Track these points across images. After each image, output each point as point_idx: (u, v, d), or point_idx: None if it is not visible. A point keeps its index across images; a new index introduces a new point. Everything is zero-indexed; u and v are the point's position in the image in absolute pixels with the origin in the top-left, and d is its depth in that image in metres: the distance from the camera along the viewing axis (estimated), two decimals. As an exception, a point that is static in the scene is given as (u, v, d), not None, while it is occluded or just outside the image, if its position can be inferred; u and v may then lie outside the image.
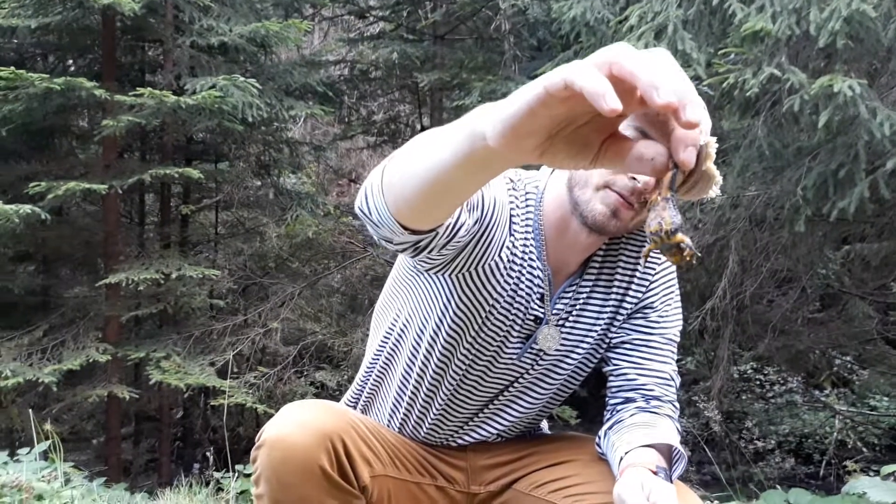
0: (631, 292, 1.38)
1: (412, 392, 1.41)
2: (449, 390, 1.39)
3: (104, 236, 6.62)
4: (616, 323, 1.39)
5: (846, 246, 7.16)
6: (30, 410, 4.36)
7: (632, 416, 1.35)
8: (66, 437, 6.32)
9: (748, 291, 4.69)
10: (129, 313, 6.27)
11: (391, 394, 1.45)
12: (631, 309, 1.39)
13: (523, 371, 1.39)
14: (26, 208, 5.31)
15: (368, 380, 1.50)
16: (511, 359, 1.37)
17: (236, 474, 3.27)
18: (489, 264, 1.29)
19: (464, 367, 1.37)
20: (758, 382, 9.34)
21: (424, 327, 1.35)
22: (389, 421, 1.47)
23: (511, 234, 1.31)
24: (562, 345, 1.38)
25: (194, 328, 6.48)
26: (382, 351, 1.45)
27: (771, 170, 4.51)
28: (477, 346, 1.35)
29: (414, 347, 1.38)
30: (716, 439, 7.92)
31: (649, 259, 1.39)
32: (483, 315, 1.33)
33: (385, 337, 1.44)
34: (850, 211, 3.57)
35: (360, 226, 7.81)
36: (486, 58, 7.51)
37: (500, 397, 1.42)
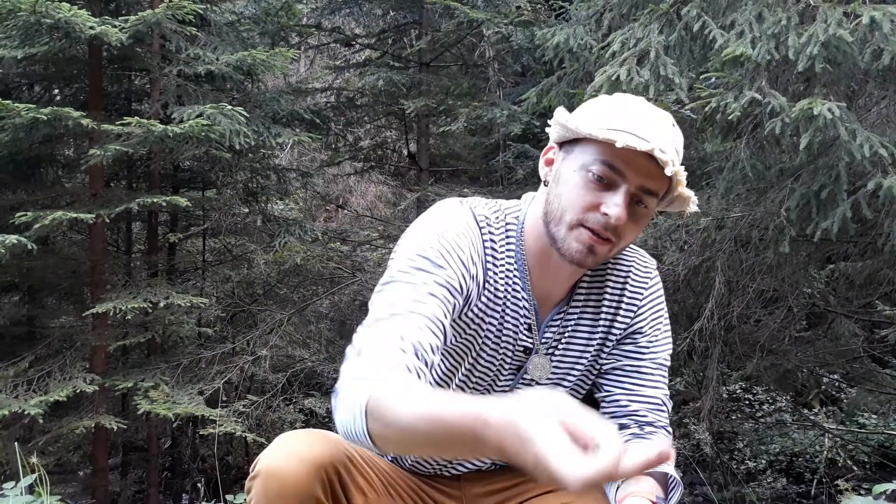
0: (619, 317, 1.39)
1: None
2: None
3: (91, 265, 6.58)
4: (606, 348, 1.40)
5: (830, 265, 7.24)
6: (15, 443, 4.30)
7: (626, 442, 1.36)
8: (52, 470, 6.23)
9: (735, 312, 4.73)
10: (116, 343, 6.22)
11: None
12: (620, 334, 1.40)
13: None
14: (12, 238, 5.28)
15: None
16: (504, 391, 1.38)
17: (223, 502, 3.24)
18: (471, 311, 1.31)
19: (467, 385, 1.38)
20: (747, 402, 9.36)
21: None
22: None
23: (489, 270, 1.31)
24: (553, 373, 1.39)
25: (182, 357, 6.43)
26: None
27: (754, 191, 4.57)
28: (471, 381, 1.37)
29: None
30: (707, 460, 7.90)
31: (635, 284, 1.40)
32: (474, 352, 1.34)
33: None
34: (833, 231, 3.62)
35: (349, 251, 7.82)
36: (472, 84, 7.59)
37: None
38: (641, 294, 1.41)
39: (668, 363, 1.44)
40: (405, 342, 1.11)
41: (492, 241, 1.32)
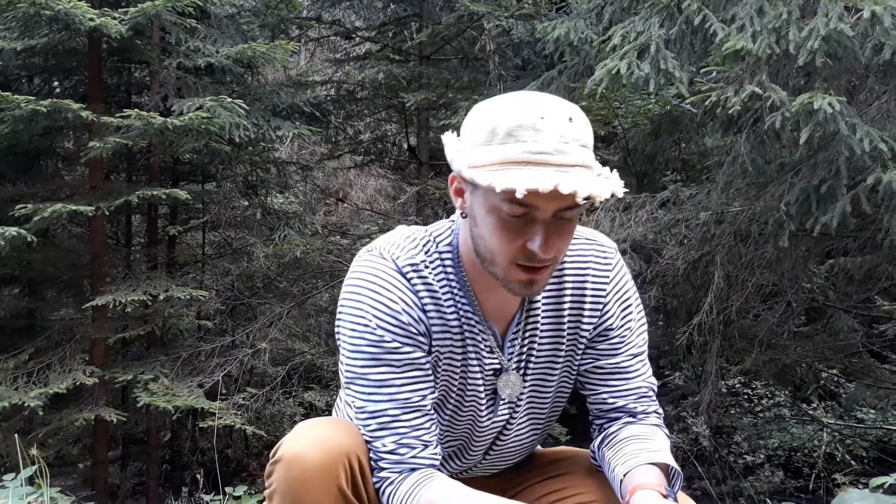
0: (585, 318, 1.36)
1: None
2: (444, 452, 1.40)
3: (90, 258, 6.58)
4: (579, 347, 1.38)
5: (830, 260, 7.24)
6: (15, 435, 4.32)
7: (621, 429, 1.37)
8: (52, 462, 6.25)
9: (734, 306, 4.73)
10: (116, 335, 6.23)
11: None
12: (590, 333, 1.37)
13: (504, 420, 1.40)
14: (12, 230, 5.28)
15: None
16: (490, 414, 1.38)
17: (226, 497, 3.25)
18: (435, 357, 1.31)
19: (448, 431, 1.38)
20: (746, 397, 9.38)
21: None
22: None
23: (432, 312, 1.28)
24: (533, 383, 1.38)
25: (182, 350, 6.44)
26: None
27: (754, 186, 4.58)
28: (458, 416, 1.37)
29: None
30: (705, 454, 7.93)
31: (597, 281, 1.35)
32: (453, 390, 1.34)
33: None
34: (832, 226, 3.62)
35: (349, 245, 7.81)
36: (472, 77, 7.57)
37: (494, 448, 1.44)
38: (604, 291, 1.36)
39: (646, 343, 1.42)
40: (416, 441, 1.25)
41: (426, 283, 1.28)
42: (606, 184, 1.13)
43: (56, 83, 7.61)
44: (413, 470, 1.26)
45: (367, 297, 1.25)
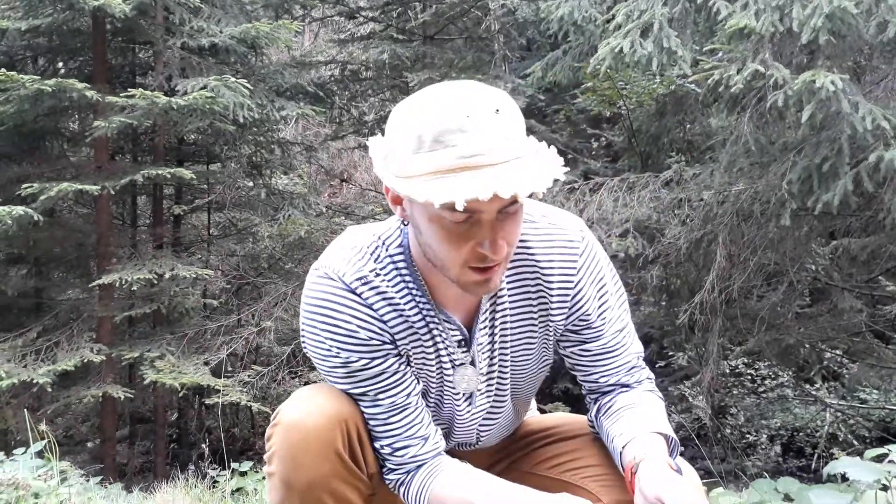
0: (554, 306, 1.33)
1: None
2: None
3: (96, 238, 6.63)
4: (551, 327, 1.36)
5: (833, 241, 7.23)
6: (25, 411, 4.37)
7: (615, 398, 1.39)
8: (61, 441, 6.32)
9: (736, 285, 4.74)
10: (122, 314, 6.29)
11: None
12: (564, 318, 1.34)
13: (484, 410, 1.41)
14: (18, 210, 5.33)
15: None
16: (468, 406, 1.39)
17: (232, 473, 3.30)
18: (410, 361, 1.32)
19: (436, 420, 1.39)
20: (749, 377, 9.40)
21: None
22: None
23: (393, 320, 1.27)
24: (513, 368, 1.38)
25: (188, 328, 6.49)
26: None
27: (757, 165, 4.57)
28: (441, 408, 1.39)
29: None
30: (708, 433, 7.97)
31: (564, 269, 1.31)
32: (431, 385, 1.36)
33: None
34: (834, 204, 3.63)
35: (353, 225, 7.84)
36: (476, 57, 7.55)
37: (483, 430, 1.46)
38: (571, 282, 1.31)
39: (628, 313, 1.41)
40: (412, 440, 1.30)
41: (379, 293, 1.25)
42: (546, 172, 1.09)
43: (61, 64, 7.62)
44: (419, 466, 1.29)
45: (322, 322, 1.25)
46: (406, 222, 1.23)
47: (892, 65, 4.09)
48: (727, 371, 8.95)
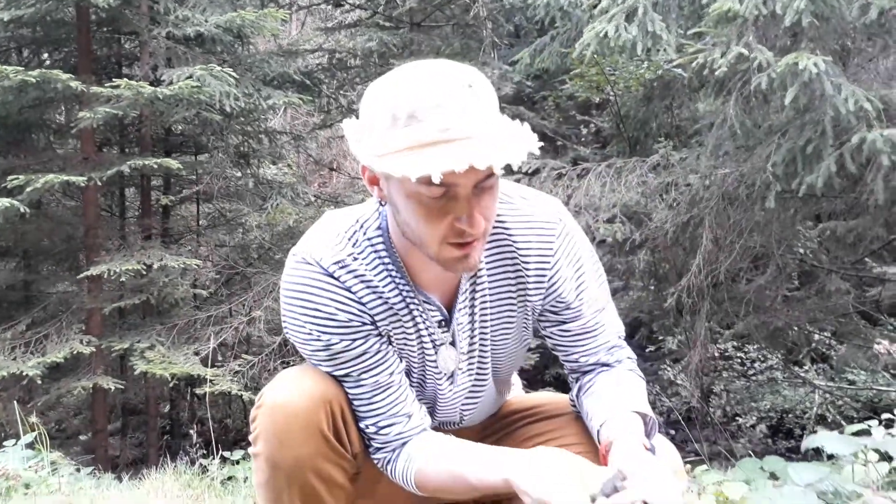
0: (531, 288, 1.35)
1: None
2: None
3: (85, 229, 6.61)
4: (529, 307, 1.38)
5: (821, 224, 7.27)
6: (15, 404, 4.37)
7: (596, 378, 1.41)
8: (53, 434, 6.32)
9: (722, 268, 4.77)
10: (111, 305, 6.28)
11: None
12: (542, 300, 1.36)
13: (466, 389, 1.43)
14: (5, 201, 5.31)
15: None
16: (450, 385, 1.41)
17: (224, 461, 3.31)
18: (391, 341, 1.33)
19: (420, 399, 1.40)
20: (738, 360, 9.47)
21: None
22: None
23: (373, 302, 1.28)
24: (493, 347, 1.40)
25: (178, 318, 6.49)
26: None
27: (743, 148, 4.60)
28: (424, 388, 1.40)
29: None
30: (696, 416, 8.03)
31: (541, 255, 1.32)
32: (414, 366, 1.37)
33: None
34: (818, 186, 3.65)
35: (342, 214, 7.83)
36: (464, 44, 7.54)
37: (466, 409, 1.47)
38: (548, 265, 1.33)
39: (608, 292, 1.43)
40: (396, 418, 1.32)
41: (357, 276, 1.27)
42: (520, 146, 1.10)
43: (46, 55, 7.57)
44: (405, 444, 1.32)
45: (301, 307, 1.26)
46: (384, 202, 1.24)
47: (874, 45, 4.11)
48: (717, 354, 9.01)
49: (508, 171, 1.14)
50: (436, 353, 1.35)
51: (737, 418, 8.80)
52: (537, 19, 6.16)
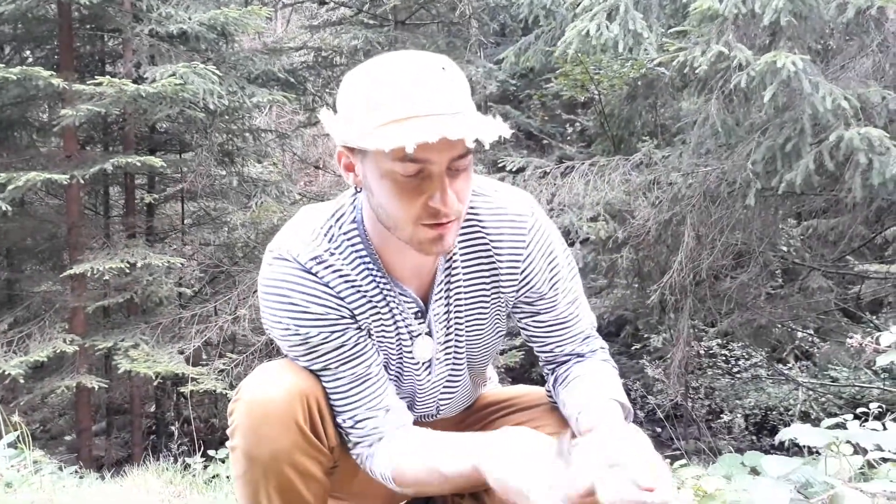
0: (504, 281, 1.36)
1: None
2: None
3: (68, 228, 6.57)
4: (503, 299, 1.39)
5: (803, 222, 7.34)
6: (-3, 403, 4.34)
7: (571, 369, 1.42)
8: (37, 435, 6.29)
9: (704, 264, 4.81)
10: (95, 304, 6.25)
11: None
12: (515, 292, 1.38)
13: (443, 379, 1.44)
14: (-14, 200, 5.28)
15: None
16: (428, 375, 1.42)
17: (208, 459, 3.30)
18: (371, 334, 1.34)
19: (398, 391, 1.41)
20: (723, 358, 9.55)
21: None
22: None
23: (352, 296, 1.29)
24: (468, 338, 1.41)
25: (162, 317, 6.47)
26: None
27: (724, 147, 4.64)
28: (401, 380, 1.41)
29: None
30: (681, 413, 8.09)
31: (513, 247, 1.34)
32: (392, 358, 1.38)
33: None
34: (796, 183, 3.69)
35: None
36: (449, 42, 7.55)
37: (443, 400, 1.49)
38: (520, 258, 1.34)
39: (580, 284, 1.44)
40: (373, 412, 1.33)
41: (335, 271, 1.27)
42: (493, 125, 1.11)
43: (28, 52, 7.51)
44: (381, 439, 1.32)
45: (278, 303, 1.27)
46: (359, 188, 1.25)
47: (853, 46, 4.15)
48: (701, 352, 9.08)
49: (490, 167, 1.15)
50: (412, 343, 1.36)
51: (722, 415, 8.87)
52: (522, 18, 6.18)
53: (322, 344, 1.28)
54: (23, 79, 5.46)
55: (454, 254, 1.34)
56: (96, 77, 5.75)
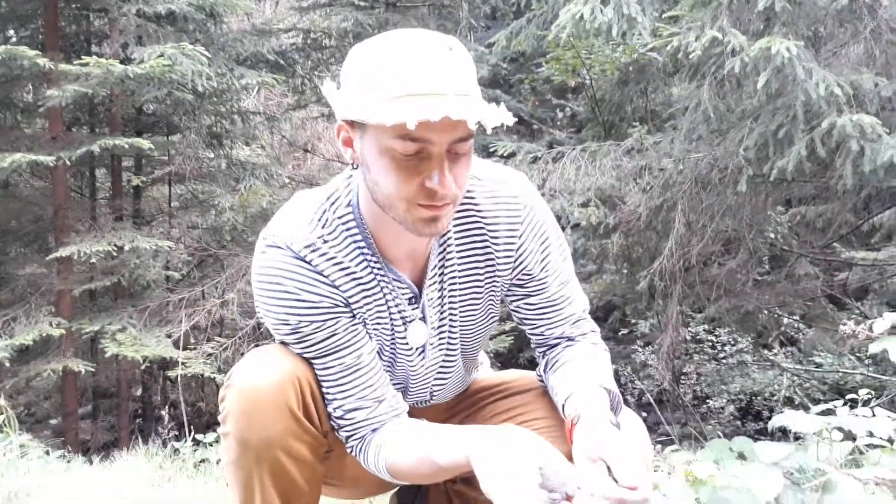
0: (500, 263, 1.36)
1: None
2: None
3: (54, 210, 6.50)
4: (498, 283, 1.39)
5: (792, 209, 7.37)
6: (-18, 386, 4.31)
7: (561, 353, 1.42)
8: (22, 419, 6.24)
9: (694, 251, 4.83)
10: (81, 287, 6.20)
11: None
12: (509, 274, 1.38)
13: (437, 364, 1.43)
14: (-29, 182, 5.20)
15: None
16: (422, 360, 1.41)
17: (197, 443, 3.29)
18: (363, 321, 1.33)
19: (394, 372, 1.41)
20: (709, 343, 9.62)
21: None
22: None
23: (345, 282, 1.28)
24: (462, 323, 1.40)
25: (150, 300, 6.43)
26: None
27: (716, 133, 4.63)
28: (395, 365, 1.40)
29: None
30: (668, 398, 8.15)
31: (510, 229, 1.34)
32: (385, 344, 1.36)
33: None
34: (788, 170, 3.70)
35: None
36: (440, 25, 7.49)
37: (436, 386, 1.48)
38: (515, 239, 1.34)
39: (572, 266, 1.44)
40: (365, 402, 1.32)
41: (328, 258, 1.26)
42: (495, 111, 1.10)
43: (11, 31, 7.40)
44: (374, 431, 1.32)
45: (271, 291, 1.26)
46: (356, 164, 1.23)
47: (846, 33, 4.15)
48: (688, 338, 9.14)
49: (480, 151, 1.14)
50: (405, 329, 1.36)
51: (707, 400, 8.95)
52: (513, 1, 6.14)
53: (313, 333, 1.27)
54: (7, 58, 5.37)
55: (448, 238, 1.33)
56: (82, 57, 5.67)
